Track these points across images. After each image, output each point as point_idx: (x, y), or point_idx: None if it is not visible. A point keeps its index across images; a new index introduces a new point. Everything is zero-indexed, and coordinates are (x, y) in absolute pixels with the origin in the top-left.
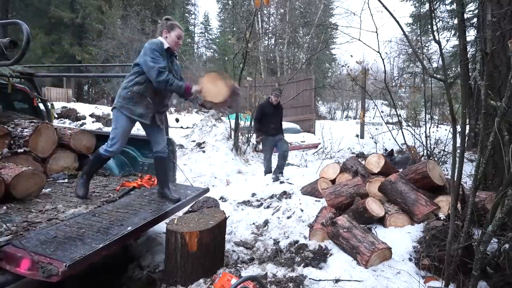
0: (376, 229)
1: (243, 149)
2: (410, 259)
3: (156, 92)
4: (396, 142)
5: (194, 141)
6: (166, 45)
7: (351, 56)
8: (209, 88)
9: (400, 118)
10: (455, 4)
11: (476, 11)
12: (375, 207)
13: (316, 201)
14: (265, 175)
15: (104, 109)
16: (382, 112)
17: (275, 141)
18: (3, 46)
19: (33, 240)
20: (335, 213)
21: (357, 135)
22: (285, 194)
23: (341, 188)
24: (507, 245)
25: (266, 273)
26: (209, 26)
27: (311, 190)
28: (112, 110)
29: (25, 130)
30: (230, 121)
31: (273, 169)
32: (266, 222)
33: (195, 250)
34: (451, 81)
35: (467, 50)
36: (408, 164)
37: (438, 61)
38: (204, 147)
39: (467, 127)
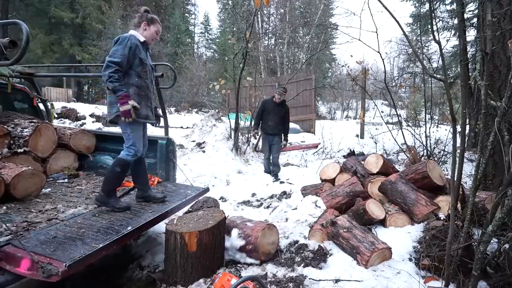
0: (376, 229)
1: (243, 149)
2: (410, 259)
3: (148, 87)
4: (396, 142)
5: (194, 141)
6: (142, 38)
7: (351, 56)
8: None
9: (400, 118)
10: (455, 4)
11: (476, 11)
12: (375, 209)
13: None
14: (264, 173)
15: (104, 109)
16: (382, 112)
17: (270, 141)
18: (2, 46)
19: (33, 240)
20: (337, 216)
21: (357, 135)
22: (285, 194)
23: (337, 189)
24: (507, 245)
25: (266, 273)
26: (209, 26)
27: (310, 192)
28: (118, 123)
29: (25, 130)
30: (230, 121)
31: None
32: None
33: (195, 250)
34: (451, 81)
35: (467, 50)
36: None
37: (438, 61)
38: (204, 147)
39: (467, 127)
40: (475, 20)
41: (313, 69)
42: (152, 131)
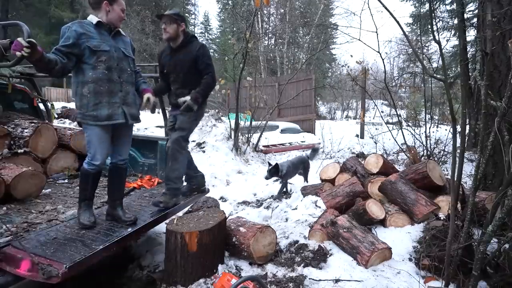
0: (376, 229)
1: (243, 149)
2: (410, 259)
3: (110, 79)
4: (396, 142)
5: (194, 141)
6: (95, 21)
7: (351, 56)
8: None
9: (400, 118)
10: (455, 4)
11: (476, 11)
12: (375, 209)
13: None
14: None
15: None
16: (382, 112)
17: (172, 121)
18: (3, 48)
19: (33, 241)
20: (337, 216)
21: (357, 135)
22: (285, 194)
23: (337, 189)
24: (507, 245)
25: (266, 273)
26: (209, 26)
27: (310, 192)
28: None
29: (25, 130)
30: (230, 121)
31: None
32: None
33: (195, 250)
34: (451, 81)
35: (467, 50)
36: None
37: (438, 61)
38: (204, 147)
39: (467, 127)
40: (475, 20)
41: (313, 69)
42: (153, 131)
